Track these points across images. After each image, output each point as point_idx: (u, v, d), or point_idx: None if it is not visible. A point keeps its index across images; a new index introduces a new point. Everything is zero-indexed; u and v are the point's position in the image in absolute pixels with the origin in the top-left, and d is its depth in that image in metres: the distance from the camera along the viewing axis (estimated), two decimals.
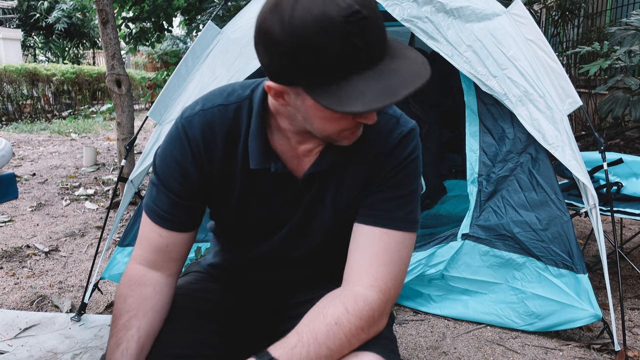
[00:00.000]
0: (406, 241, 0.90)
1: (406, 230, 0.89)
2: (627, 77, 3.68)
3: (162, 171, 0.90)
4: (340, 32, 0.67)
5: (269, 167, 0.89)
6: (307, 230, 0.97)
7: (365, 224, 0.90)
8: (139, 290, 0.90)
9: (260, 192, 0.93)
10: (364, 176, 0.91)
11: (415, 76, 0.70)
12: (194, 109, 0.90)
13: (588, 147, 5.11)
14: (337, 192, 0.93)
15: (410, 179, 0.91)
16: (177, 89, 2.24)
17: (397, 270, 0.88)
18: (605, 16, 6.03)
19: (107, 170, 5.16)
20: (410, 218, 0.90)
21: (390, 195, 0.90)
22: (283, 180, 0.92)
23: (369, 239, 0.89)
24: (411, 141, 0.91)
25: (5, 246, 2.97)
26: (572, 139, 1.95)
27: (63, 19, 14.40)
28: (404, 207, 0.90)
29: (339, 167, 0.91)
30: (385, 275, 0.86)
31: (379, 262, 0.87)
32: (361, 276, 0.86)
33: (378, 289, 0.85)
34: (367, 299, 0.84)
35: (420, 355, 1.87)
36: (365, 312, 0.83)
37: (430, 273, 2.09)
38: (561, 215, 1.92)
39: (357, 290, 0.85)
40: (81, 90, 10.85)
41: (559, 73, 2.04)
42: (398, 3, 2.04)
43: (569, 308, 1.87)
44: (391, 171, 0.90)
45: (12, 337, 1.94)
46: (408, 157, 0.90)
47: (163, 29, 5.50)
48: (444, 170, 3.60)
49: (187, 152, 0.88)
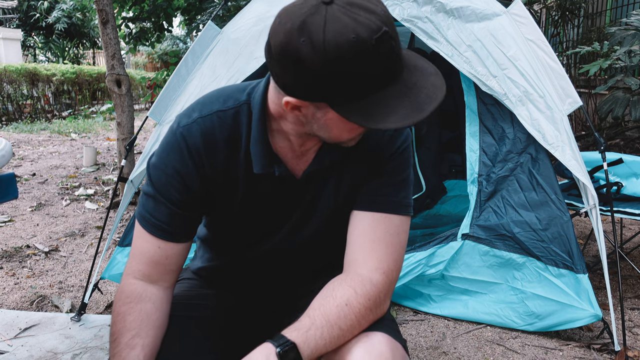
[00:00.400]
0: (404, 224, 0.94)
1: (403, 214, 0.94)
2: (627, 77, 3.68)
3: (159, 181, 0.87)
4: (373, 54, 0.69)
5: (273, 171, 0.89)
6: (307, 227, 0.98)
7: (366, 210, 0.93)
8: (139, 308, 0.88)
9: (262, 194, 0.93)
10: (365, 170, 0.94)
11: (437, 90, 0.75)
12: (190, 116, 0.88)
13: (588, 147, 5.11)
14: (337, 188, 0.95)
15: (404, 166, 0.95)
16: (177, 89, 2.24)
17: (398, 252, 0.91)
18: (605, 16, 6.03)
19: (107, 170, 5.16)
20: (406, 202, 0.95)
21: (387, 182, 0.93)
22: (285, 182, 0.92)
23: (370, 224, 0.91)
24: (402, 132, 0.96)
25: (5, 246, 2.97)
26: (572, 139, 1.95)
27: (63, 19, 14.40)
28: (400, 192, 0.94)
29: (336, 163, 0.93)
30: (388, 257, 0.89)
31: (381, 245, 0.90)
32: (365, 260, 0.89)
33: (382, 271, 0.88)
34: (372, 281, 0.87)
35: (420, 355, 1.87)
36: (372, 294, 0.86)
37: (430, 273, 2.09)
38: (561, 215, 1.92)
39: (363, 273, 0.88)
40: (81, 90, 10.85)
41: (559, 73, 2.04)
42: (398, 3, 2.04)
43: (569, 308, 1.87)
44: (386, 160, 0.94)
45: (12, 337, 1.94)
46: (401, 146, 0.94)
47: (163, 29, 5.50)
48: (444, 170, 3.60)
49: (187, 160, 0.87)
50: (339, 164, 0.93)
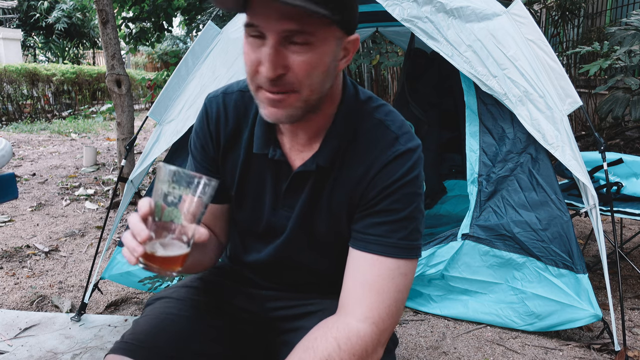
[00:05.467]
0: (401, 268, 0.85)
1: (401, 258, 0.85)
2: (627, 77, 3.67)
3: (191, 142, 0.99)
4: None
5: (267, 153, 0.91)
6: (305, 238, 0.96)
7: (358, 250, 0.87)
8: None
9: (256, 179, 0.95)
10: (354, 186, 0.89)
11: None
12: (217, 91, 0.97)
13: (588, 147, 5.11)
14: (330, 198, 0.92)
15: (404, 204, 0.85)
16: (177, 89, 2.24)
17: (392, 299, 0.83)
18: (605, 16, 6.03)
19: (107, 170, 5.16)
20: (404, 245, 0.85)
21: (381, 220, 0.86)
22: (280, 170, 0.93)
23: (361, 266, 0.85)
24: (406, 161, 0.86)
25: (5, 246, 2.97)
26: (572, 139, 1.95)
27: (63, 19, 14.40)
28: (397, 233, 0.85)
29: (328, 172, 0.90)
30: (379, 305, 0.83)
31: (372, 291, 0.83)
32: (355, 306, 0.83)
33: (372, 321, 0.82)
34: (359, 332, 0.81)
35: (420, 355, 1.87)
36: (357, 348, 0.80)
37: (430, 273, 2.09)
38: (561, 215, 1.92)
39: (350, 323, 0.82)
40: (81, 90, 10.85)
41: (559, 73, 2.04)
42: (398, 3, 2.04)
43: (569, 308, 1.87)
44: (381, 193, 0.86)
45: (12, 337, 1.94)
46: (400, 179, 0.85)
47: (163, 29, 5.50)
48: (444, 170, 3.61)
49: (204, 125, 0.96)
50: (333, 176, 0.90)
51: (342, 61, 0.84)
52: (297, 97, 0.79)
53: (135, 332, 0.90)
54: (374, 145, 0.88)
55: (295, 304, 1.04)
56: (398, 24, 2.11)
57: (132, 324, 0.94)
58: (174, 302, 0.98)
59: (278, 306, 1.06)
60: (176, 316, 0.95)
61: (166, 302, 0.99)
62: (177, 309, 0.96)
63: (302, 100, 0.79)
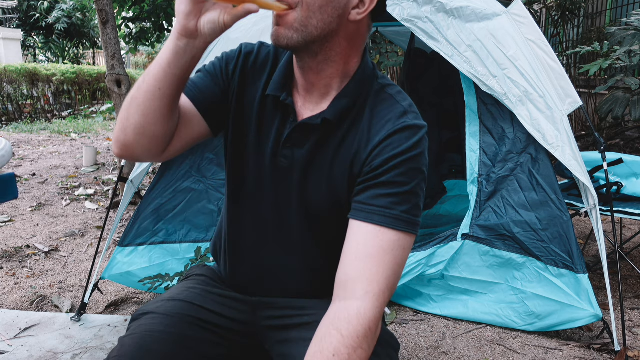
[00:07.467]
0: (401, 241, 0.85)
1: (401, 230, 0.85)
2: (627, 77, 3.68)
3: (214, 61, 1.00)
4: None
5: (279, 95, 0.93)
6: (303, 200, 0.95)
7: (359, 220, 0.86)
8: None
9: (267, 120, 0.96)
10: (358, 151, 0.90)
11: None
12: (254, 43, 1.02)
13: (588, 147, 5.11)
14: (332, 161, 0.92)
15: (409, 177, 0.87)
16: None
17: (391, 271, 0.84)
18: (605, 16, 6.04)
19: (107, 170, 5.16)
20: (406, 218, 0.86)
21: (386, 192, 0.86)
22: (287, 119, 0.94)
23: (362, 237, 0.85)
24: (413, 135, 0.87)
25: (5, 246, 2.97)
26: (572, 139, 1.95)
27: (63, 19, 14.40)
28: (401, 206, 0.86)
29: (332, 131, 0.91)
30: (379, 278, 0.83)
31: (372, 262, 0.83)
32: (355, 282, 0.83)
33: (372, 294, 0.82)
34: (359, 312, 0.81)
35: (420, 355, 1.87)
36: (360, 328, 0.80)
37: (430, 273, 2.09)
38: (561, 215, 1.92)
39: (349, 305, 0.82)
40: (81, 90, 10.85)
41: (559, 73, 2.04)
42: (398, 3, 2.04)
43: (569, 308, 1.87)
44: (387, 163, 0.87)
45: (12, 337, 1.94)
46: (407, 152, 0.86)
47: (163, 29, 5.50)
48: (444, 170, 3.60)
49: (235, 55, 0.99)
50: (337, 140, 0.91)
51: (355, 11, 0.86)
52: (295, 17, 0.84)
53: (121, 355, 0.87)
54: (383, 115, 0.90)
55: (289, 313, 1.02)
56: (398, 24, 2.11)
57: (118, 342, 0.91)
58: (160, 318, 0.95)
59: (270, 315, 1.04)
60: (163, 333, 0.92)
61: (152, 318, 0.95)
62: (163, 325, 0.93)
63: (299, 21, 0.84)
